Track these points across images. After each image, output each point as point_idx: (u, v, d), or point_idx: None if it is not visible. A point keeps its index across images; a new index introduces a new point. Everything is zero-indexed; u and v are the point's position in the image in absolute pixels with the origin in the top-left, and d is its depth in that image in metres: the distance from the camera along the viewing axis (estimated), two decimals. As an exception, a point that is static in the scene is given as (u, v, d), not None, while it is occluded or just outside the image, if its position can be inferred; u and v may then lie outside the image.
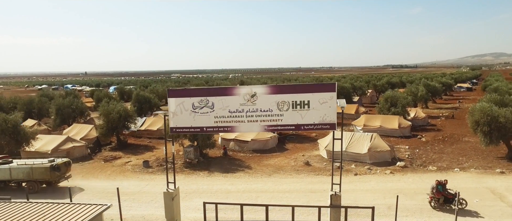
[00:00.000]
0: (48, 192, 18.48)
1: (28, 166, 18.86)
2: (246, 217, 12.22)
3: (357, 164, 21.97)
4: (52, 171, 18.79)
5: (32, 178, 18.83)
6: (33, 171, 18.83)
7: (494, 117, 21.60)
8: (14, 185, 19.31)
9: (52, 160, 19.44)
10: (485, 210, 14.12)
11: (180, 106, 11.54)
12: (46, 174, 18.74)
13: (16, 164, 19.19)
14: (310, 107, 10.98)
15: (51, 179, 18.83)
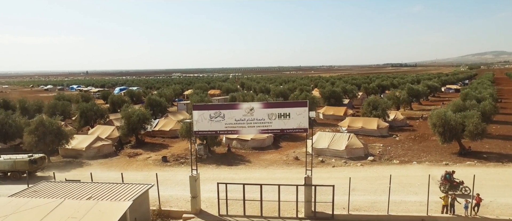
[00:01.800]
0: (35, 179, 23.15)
1: (12, 160, 24.22)
2: (247, 196, 17.27)
3: (336, 158, 27.11)
4: (30, 164, 24.11)
5: (15, 169, 24.08)
6: (16, 164, 24.17)
7: (447, 121, 26.74)
8: (1, 174, 24.10)
9: (30, 155, 24.81)
10: (420, 189, 19.17)
11: (201, 116, 16.64)
12: (26, 166, 23.85)
13: (3, 158, 24.42)
14: (290, 117, 16.07)
15: (30, 169, 23.78)
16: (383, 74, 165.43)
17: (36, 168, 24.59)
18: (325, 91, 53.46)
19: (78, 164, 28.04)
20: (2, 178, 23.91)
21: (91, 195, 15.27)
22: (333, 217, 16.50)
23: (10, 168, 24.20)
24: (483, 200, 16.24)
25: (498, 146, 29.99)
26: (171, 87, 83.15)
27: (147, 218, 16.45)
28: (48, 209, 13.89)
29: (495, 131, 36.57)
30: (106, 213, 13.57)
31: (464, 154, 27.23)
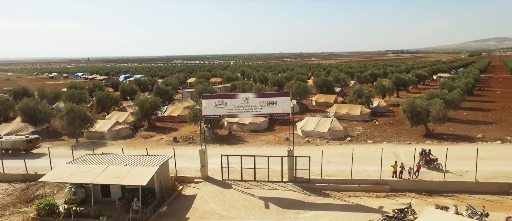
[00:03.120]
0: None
1: (12, 139, 29.93)
2: (243, 166, 22.28)
3: (320, 139, 32.13)
4: (27, 143, 29.65)
5: (15, 147, 29.58)
6: (15, 142, 29.74)
7: (414, 107, 31.60)
8: (4, 151, 29.33)
9: (27, 136, 30.47)
10: (381, 161, 24.17)
11: (208, 104, 21.53)
12: (23, 144, 29.46)
13: (4, 138, 30.16)
14: (276, 105, 20.95)
15: (27, 147, 29.54)
16: (380, 62, 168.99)
17: (32, 146, 30.27)
18: (318, 81, 58.12)
19: (102, 144, 33.13)
20: (4, 154, 29.19)
21: (127, 163, 20.33)
22: (309, 180, 21.60)
23: (11, 146, 29.88)
24: (408, 163, 21.32)
25: (460, 129, 34.94)
26: (175, 76, 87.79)
27: (168, 181, 21.56)
28: (98, 171, 19.01)
29: (464, 116, 41.44)
30: (140, 174, 18.67)
31: (429, 136, 32.20)
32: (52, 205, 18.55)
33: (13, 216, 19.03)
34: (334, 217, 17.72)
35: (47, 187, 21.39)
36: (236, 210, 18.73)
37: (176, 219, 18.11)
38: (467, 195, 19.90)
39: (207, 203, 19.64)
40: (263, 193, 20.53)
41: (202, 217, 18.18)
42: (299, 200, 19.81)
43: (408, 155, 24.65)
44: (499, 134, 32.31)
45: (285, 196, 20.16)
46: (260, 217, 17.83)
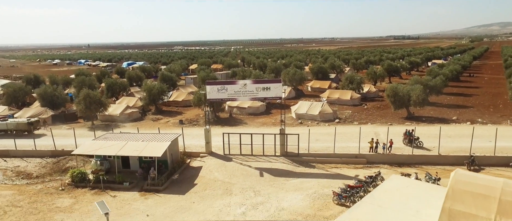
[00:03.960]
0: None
1: (16, 122, 33.99)
2: (242, 142, 25.94)
3: (312, 121, 35.74)
4: (28, 125, 33.65)
5: (18, 129, 33.50)
6: (18, 125, 33.75)
7: (397, 92, 35.04)
8: (9, 132, 33.32)
9: (29, 119, 34.42)
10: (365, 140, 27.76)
11: (212, 89, 25.02)
12: (25, 126, 33.55)
13: (10, 121, 34.25)
14: (270, 90, 24.43)
15: (28, 129, 33.58)
16: (380, 48, 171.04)
17: (33, 128, 34.28)
18: (313, 67, 61.32)
19: (115, 126, 36.74)
20: (9, 134, 33.22)
21: (143, 139, 24.01)
22: (298, 155, 25.32)
23: (14, 128, 33.89)
24: (395, 144, 24.98)
25: (439, 112, 38.46)
26: (178, 63, 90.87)
27: (177, 155, 25.29)
28: (120, 146, 22.73)
29: (447, 101, 44.87)
30: (156, 148, 22.38)
31: (409, 118, 35.77)
32: (83, 173, 22.38)
33: (52, 183, 22.87)
34: (316, 182, 21.48)
35: (75, 160, 25.18)
36: (236, 178, 22.52)
37: (186, 184, 21.91)
38: (431, 166, 23.60)
39: (211, 173, 23.43)
40: (259, 165, 24.30)
41: (208, 183, 21.98)
42: (288, 170, 23.59)
43: (383, 132, 28.24)
44: (472, 116, 35.87)
45: (277, 167, 23.94)
46: (256, 183, 21.61)
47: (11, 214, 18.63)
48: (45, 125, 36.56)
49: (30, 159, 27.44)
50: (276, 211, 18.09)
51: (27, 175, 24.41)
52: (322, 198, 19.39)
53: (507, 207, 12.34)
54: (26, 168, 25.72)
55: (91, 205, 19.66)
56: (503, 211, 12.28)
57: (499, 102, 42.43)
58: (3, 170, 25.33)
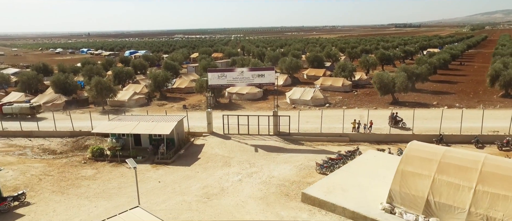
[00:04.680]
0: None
1: (20, 106, 37.60)
2: (239, 123, 29.25)
3: (304, 106, 38.99)
4: (31, 109, 37.20)
5: (21, 112, 37.06)
6: (22, 109, 37.32)
7: (382, 79, 38.14)
8: (15, 115, 36.85)
9: (31, 104, 38.06)
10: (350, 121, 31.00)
11: (213, 76, 28.21)
12: (28, 110, 37.10)
13: (15, 105, 37.78)
14: (264, 76, 27.61)
15: (30, 113, 37.10)
16: (379, 37, 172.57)
17: (35, 112, 37.74)
18: (309, 56, 64.19)
19: (124, 110, 39.72)
20: (14, 117, 36.80)
21: (152, 120, 27.36)
22: (289, 134, 28.67)
23: (18, 111, 37.38)
24: (375, 124, 28.31)
25: (423, 98, 41.63)
26: (179, 52, 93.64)
27: (183, 134, 28.67)
28: (133, 125, 26.10)
29: (433, 88, 47.95)
30: (164, 127, 25.74)
31: (394, 103, 38.97)
32: (101, 149, 25.83)
33: (74, 157, 26.34)
34: (303, 156, 24.89)
35: (93, 139, 28.62)
36: (234, 153, 25.94)
37: (191, 158, 25.35)
38: (405, 144, 26.79)
39: (213, 149, 26.85)
40: (254, 142, 27.70)
41: (209, 157, 25.42)
42: (280, 146, 27.00)
43: (371, 116, 31.49)
44: (452, 102, 39.08)
45: (270, 144, 27.33)
46: (251, 157, 25.03)
47: (46, 181, 22.14)
48: (62, 110, 39.96)
49: (52, 139, 30.88)
50: (267, 178, 21.54)
51: (52, 152, 27.87)
52: (307, 168, 22.83)
53: (444, 167, 15.80)
54: (50, 146, 29.18)
55: (111, 174, 23.18)
56: (441, 169, 15.74)
57: (480, 89, 45.51)
58: (30, 148, 28.80)
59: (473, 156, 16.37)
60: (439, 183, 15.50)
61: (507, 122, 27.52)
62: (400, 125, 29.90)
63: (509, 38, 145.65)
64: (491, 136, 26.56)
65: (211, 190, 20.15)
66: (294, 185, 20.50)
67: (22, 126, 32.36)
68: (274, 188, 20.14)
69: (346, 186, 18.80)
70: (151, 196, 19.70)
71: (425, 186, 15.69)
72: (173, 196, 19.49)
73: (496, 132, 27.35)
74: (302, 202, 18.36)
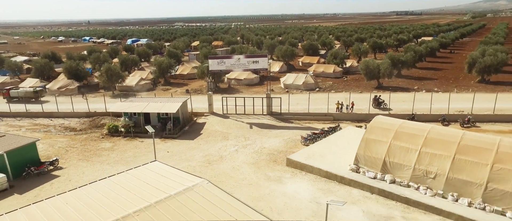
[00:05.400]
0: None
1: (25, 90, 41.45)
2: (237, 104, 33.06)
3: (297, 90, 42.70)
4: (34, 93, 41.00)
5: (26, 96, 40.92)
6: (26, 93, 41.15)
7: (368, 66, 41.71)
8: (20, 98, 40.76)
9: (35, 88, 41.91)
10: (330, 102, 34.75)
11: (213, 62, 31.88)
12: (32, 94, 40.98)
13: (20, 89, 41.77)
14: (258, 63, 31.27)
15: (34, 96, 40.96)
16: (376, 25, 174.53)
17: (38, 95, 41.68)
18: (305, 44, 67.48)
19: (132, 95, 43.77)
20: (20, 100, 40.81)
21: (160, 101, 31.17)
22: (280, 113, 32.51)
23: (24, 95, 41.32)
24: (358, 106, 32.10)
25: (406, 83, 45.26)
26: (181, 40, 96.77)
27: (187, 113, 32.51)
28: (144, 105, 29.91)
29: (418, 74, 51.50)
30: (171, 106, 29.55)
31: (378, 87, 42.64)
32: (116, 126, 29.72)
33: (93, 134, 30.29)
34: (291, 132, 28.77)
35: (107, 118, 32.50)
36: (231, 129, 29.84)
37: (194, 134, 29.27)
38: (381, 122, 30.70)
39: (213, 126, 30.75)
40: (249, 120, 31.58)
41: (210, 133, 29.33)
42: (272, 124, 30.87)
43: (356, 99, 35.27)
44: (432, 87, 42.72)
45: (263, 122, 31.21)
46: (246, 133, 28.92)
47: (71, 151, 26.14)
48: (81, 94, 43.74)
49: (70, 119, 34.80)
50: (259, 149, 25.48)
51: (72, 129, 31.82)
52: (293, 141, 26.74)
53: (399, 135, 19.71)
54: (69, 125, 33.11)
55: (126, 146, 27.14)
56: (396, 137, 19.65)
57: (460, 76, 49.04)
58: (53, 126, 32.75)
59: (422, 126, 20.20)
60: (393, 147, 19.39)
61: (468, 102, 31.31)
62: (382, 106, 33.69)
63: (505, 27, 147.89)
64: (456, 115, 30.34)
65: (211, 158, 24.13)
66: (281, 153, 24.43)
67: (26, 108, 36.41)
68: (265, 156, 24.10)
69: (323, 153, 22.74)
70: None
71: (383, 150, 19.59)
72: (180, 162, 23.46)
73: (461, 111, 31.13)
74: (286, 166, 22.32)
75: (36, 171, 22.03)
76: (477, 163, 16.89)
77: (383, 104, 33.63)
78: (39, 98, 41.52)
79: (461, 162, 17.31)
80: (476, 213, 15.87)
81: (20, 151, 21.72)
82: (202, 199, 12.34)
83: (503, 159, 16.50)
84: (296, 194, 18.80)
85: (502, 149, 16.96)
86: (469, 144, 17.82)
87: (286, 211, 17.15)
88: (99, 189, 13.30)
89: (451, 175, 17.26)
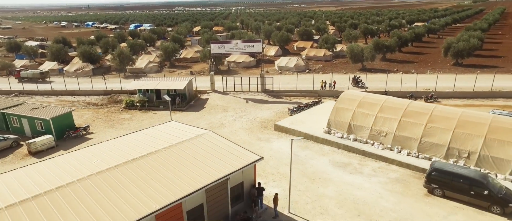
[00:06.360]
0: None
1: (32, 72, 46.79)
2: (235, 83, 38.21)
3: (289, 72, 47.76)
4: (41, 74, 46.26)
5: (34, 77, 46.27)
6: (34, 74, 46.49)
7: (353, 50, 46.60)
8: (30, 79, 46.09)
9: (41, 70, 47.29)
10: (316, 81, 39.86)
11: (214, 46, 36.90)
12: (39, 75, 46.36)
13: (29, 71, 47.17)
14: (254, 47, 36.28)
15: (41, 77, 46.35)
16: (375, 10, 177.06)
17: (44, 76, 47.12)
18: (300, 30, 71.96)
19: (142, 76, 48.96)
20: (29, 80, 46.09)
21: (169, 80, 36.35)
22: (273, 91, 37.73)
23: (32, 76, 46.65)
24: (341, 85, 37.32)
25: (388, 65, 50.20)
26: (183, 26, 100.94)
27: (192, 91, 37.73)
28: (156, 83, 35.18)
29: (402, 57, 56.36)
30: (179, 84, 34.77)
31: (362, 69, 47.64)
32: (132, 101, 35.02)
33: (112, 108, 35.64)
34: (281, 106, 34.06)
35: (123, 95, 37.78)
36: (230, 104, 35.14)
37: (199, 107, 34.60)
38: (358, 98, 35.91)
39: (215, 101, 36.05)
40: (246, 97, 36.85)
41: (212, 106, 34.65)
42: (265, 99, 36.14)
43: (339, 79, 40.38)
44: (409, 69, 47.72)
45: (257, 98, 36.48)
46: (243, 106, 34.22)
47: (97, 121, 31.56)
48: (103, 76, 48.86)
49: (90, 96, 40.08)
50: (253, 118, 30.83)
51: (94, 104, 37.16)
52: (282, 113, 32.07)
53: (362, 104, 25.00)
54: (91, 101, 38.43)
55: (142, 117, 32.52)
56: (359, 105, 24.95)
57: (439, 59, 53.90)
58: (77, 102, 38.09)
59: (380, 98, 25.44)
60: (357, 113, 24.70)
61: (439, 83, 36.42)
62: (359, 84, 38.85)
63: (500, 12, 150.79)
64: (422, 92, 35.50)
65: (214, 125, 29.52)
66: (271, 122, 29.79)
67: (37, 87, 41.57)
68: (257, 124, 29.49)
69: (304, 120, 28.11)
70: (173, 128, 29.10)
71: (349, 115, 24.90)
72: (189, 128, 28.85)
73: (427, 89, 36.29)
74: (274, 130, 27.74)
75: (74, 134, 27.50)
76: (416, 123, 22.23)
77: (360, 83, 38.77)
78: (45, 79, 47.00)
79: (405, 123, 22.65)
80: (411, 159, 21.33)
81: (61, 118, 27.12)
82: (209, 142, 17.69)
83: (434, 120, 21.82)
84: (280, 149, 24.26)
85: (435, 113, 22.26)
86: (412, 110, 23.11)
87: (271, 160, 22.64)
88: (131, 137, 18.61)
89: (397, 133, 22.63)
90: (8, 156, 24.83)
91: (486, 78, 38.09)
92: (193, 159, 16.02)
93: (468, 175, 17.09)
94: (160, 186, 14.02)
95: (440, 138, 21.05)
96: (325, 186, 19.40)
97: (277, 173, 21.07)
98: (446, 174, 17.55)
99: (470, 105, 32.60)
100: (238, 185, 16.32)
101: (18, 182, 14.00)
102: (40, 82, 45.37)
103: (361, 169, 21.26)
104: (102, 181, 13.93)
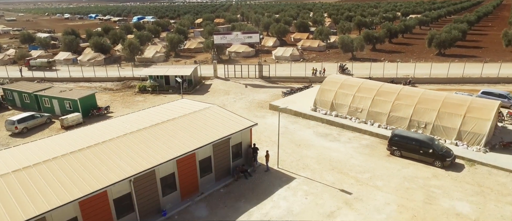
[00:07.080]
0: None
1: (40, 61, 51.23)
2: (235, 70, 42.59)
3: (285, 61, 52.11)
4: (48, 63, 50.68)
5: (42, 65, 50.58)
6: (42, 63, 50.82)
7: (344, 40, 50.83)
8: (38, 67, 50.32)
9: (48, 59, 51.75)
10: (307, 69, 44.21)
11: (217, 37, 41.32)
12: (46, 64, 50.80)
13: (37, 60, 51.57)
14: (252, 38, 40.64)
15: (48, 66, 50.70)
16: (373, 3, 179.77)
17: (51, 65, 51.51)
18: (297, 22, 75.97)
19: (150, 64, 53.30)
20: (37, 69, 50.38)
21: (177, 67, 40.77)
22: (269, 77, 42.18)
23: (40, 65, 51.05)
24: (327, 71, 41.74)
25: (376, 55, 54.47)
26: (185, 18, 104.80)
27: (197, 77, 42.18)
28: (165, 70, 39.68)
29: (390, 48, 60.55)
30: (185, 71, 39.23)
31: (352, 59, 51.93)
32: (144, 86, 39.55)
33: (127, 92, 40.18)
34: (276, 90, 38.53)
35: (135, 81, 42.27)
36: (231, 88, 39.65)
37: (203, 91, 39.11)
38: (345, 83, 40.33)
39: (217, 86, 40.54)
40: (245, 82, 41.33)
41: (216, 90, 39.16)
42: (262, 84, 40.62)
43: (329, 66, 44.73)
44: (394, 58, 52.01)
45: (255, 83, 40.97)
46: (242, 90, 38.72)
47: (115, 102, 36.13)
48: (119, 64, 53.26)
49: (105, 82, 44.58)
50: (251, 100, 35.36)
51: (109, 89, 41.69)
52: (276, 95, 36.58)
53: (343, 86, 29.49)
54: (106, 86, 42.95)
55: (154, 99, 37.06)
56: (341, 87, 29.43)
57: (424, 49, 58.09)
58: (94, 87, 42.63)
59: (358, 80, 29.89)
60: (338, 93, 29.18)
61: (417, 69, 40.78)
62: (345, 72, 43.24)
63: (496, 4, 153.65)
64: (401, 78, 39.87)
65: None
66: (267, 103, 34.31)
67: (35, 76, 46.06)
68: (255, 104, 34.04)
69: (295, 101, 32.63)
70: (182, 108, 33.67)
71: (332, 95, 29.39)
72: (195, 108, 33.41)
73: (407, 75, 40.68)
74: (269, 109, 32.29)
75: (97, 113, 32.09)
76: (385, 101, 26.73)
77: (346, 70, 43.17)
78: (52, 68, 51.38)
79: (377, 101, 27.14)
80: (380, 130, 25.89)
81: (86, 98, 31.68)
82: (215, 112, 22.23)
83: (400, 97, 26.32)
84: (273, 123, 28.83)
85: (402, 92, 26.74)
86: (383, 90, 27.60)
87: (265, 131, 27.23)
88: (152, 110, 23.15)
89: (371, 109, 27.15)
90: (45, 129, 29.50)
91: (461, 66, 42.42)
92: (202, 124, 20.58)
93: (418, 138, 21.67)
94: (179, 142, 18.61)
95: (404, 112, 25.57)
96: (308, 150, 24.02)
97: (270, 140, 25.69)
98: (403, 138, 22.12)
99: (442, 89, 37.02)
100: (237, 144, 20.91)
101: (64, 140, 18.64)
102: (47, 70, 49.79)
103: (339, 137, 25.86)
104: (135, 138, 18.53)
